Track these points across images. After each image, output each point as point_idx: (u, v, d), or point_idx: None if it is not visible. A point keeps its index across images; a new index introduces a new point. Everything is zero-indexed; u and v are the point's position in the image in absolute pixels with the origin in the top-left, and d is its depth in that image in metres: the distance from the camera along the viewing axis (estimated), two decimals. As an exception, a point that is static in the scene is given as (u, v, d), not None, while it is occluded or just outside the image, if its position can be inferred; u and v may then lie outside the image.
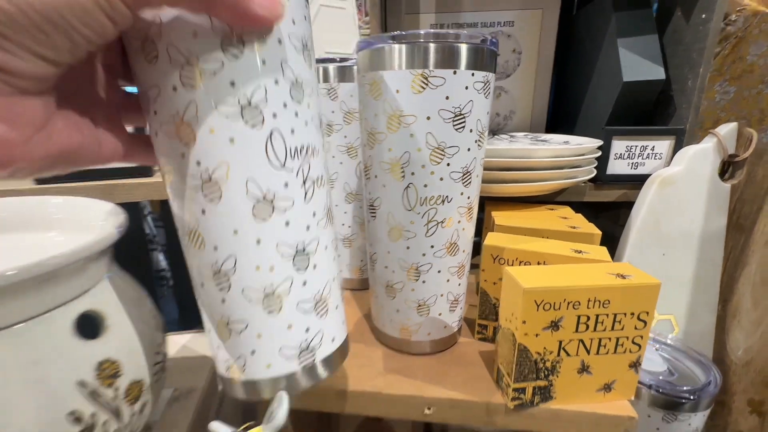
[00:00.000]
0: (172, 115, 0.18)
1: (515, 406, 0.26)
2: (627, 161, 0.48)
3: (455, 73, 0.24)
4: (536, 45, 0.59)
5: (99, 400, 0.21)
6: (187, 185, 0.19)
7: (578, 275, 0.25)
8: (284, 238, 0.20)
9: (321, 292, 0.22)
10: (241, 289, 0.20)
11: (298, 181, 0.20)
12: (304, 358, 0.21)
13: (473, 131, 0.26)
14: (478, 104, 0.26)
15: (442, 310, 0.31)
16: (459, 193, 0.27)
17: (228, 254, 0.19)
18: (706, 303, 0.48)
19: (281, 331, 0.21)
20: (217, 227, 0.19)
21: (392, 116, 0.26)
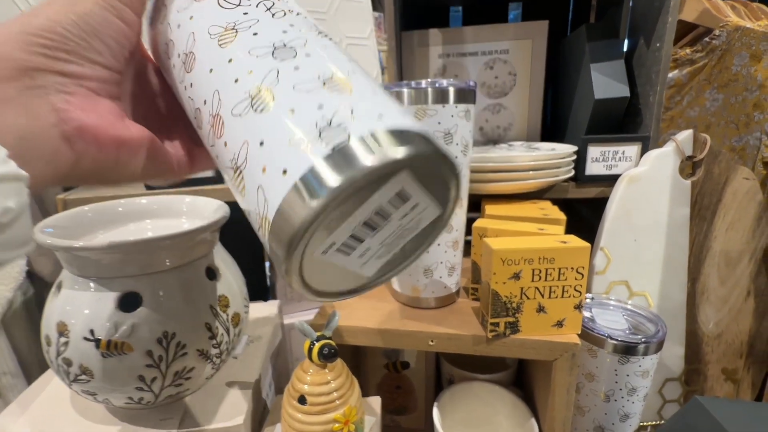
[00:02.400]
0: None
1: (492, 337, 0.37)
2: (602, 163, 0.58)
3: (444, 107, 0.36)
4: (528, 68, 0.70)
5: (219, 319, 0.34)
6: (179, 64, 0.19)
7: (534, 242, 0.36)
8: (255, 44, 0.17)
9: (328, 73, 0.16)
10: (230, 111, 0.17)
11: (260, 9, 0.18)
12: (330, 138, 0.14)
13: (459, 144, 0.38)
14: (462, 126, 0.37)
15: (442, 274, 0.42)
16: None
17: (213, 91, 0.17)
18: (677, 281, 0.57)
19: (281, 120, 0.15)
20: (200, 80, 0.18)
21: None
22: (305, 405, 0.31)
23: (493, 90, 0.72)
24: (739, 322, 0.59)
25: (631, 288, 0.57)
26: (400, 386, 0.55)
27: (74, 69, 0.17)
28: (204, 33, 0.18)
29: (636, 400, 0.45)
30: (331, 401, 0.31)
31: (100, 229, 0.37)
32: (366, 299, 0.46)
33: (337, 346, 0.31)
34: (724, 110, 0.79)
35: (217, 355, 0.34)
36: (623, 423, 0.46)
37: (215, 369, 0.35)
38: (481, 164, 0.50)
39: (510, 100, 0.72)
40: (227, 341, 0.35)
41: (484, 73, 0.72)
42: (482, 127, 0.74)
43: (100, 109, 0.19)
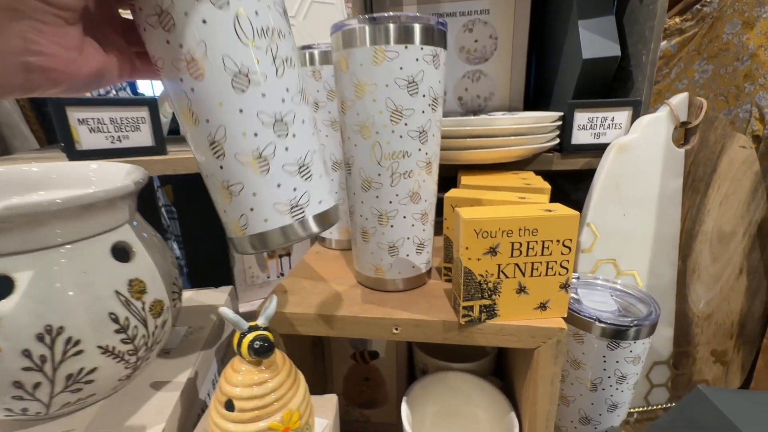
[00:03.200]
0: (153, 8, 0.21)
1: (465, 322, 0.32)
2: (589, 131, 0.52)
3: (407, 48, 0.30)
4: (511, 30, 0.64)
5: (131, 308, 0.28)
6: (176, 68, 0.22)
7: (513, 210, 0.30)
8: (262, 108, 0.23)
9: (302, 158, 0.25)
10: (233, 154, 0.24)
11: (268, 58, 0.23)
12: (295, 213, 0.25)
13: (426, 96, 0.32)
14: (429, 73, 0.31)
15: (409, 251, 0.36)
16: (417, 149, 0.33)
17: (218, 125, 0.23)
18: (667, 259, 0.53)
19: (272, 188, 0.24)
20: (205, 101, 0.23)
21: (358, 86, 0.31)
22: (233, 411, 0.25)
23: (472, 55, 0.66)
24: (731, 302, 0.55)
25: (619, 267, 0.52)
26: (368, 378, 0.49)
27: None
28: (218, 58, 0.22)
29: (625, 389, 0.41)
30: (266, 405, 0.25)
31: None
32: (324, 282, 0.40)
33: (272, 339, 0.26)
34: (713, 82, 0.75)
35: (131, 351, 0.28)
36: (611, 413, 0.42)
37: (131, 368, 0.29)
38: (457, 128, 0.44)
39: (491, 67, 0.66)
40: (145, 335, 0.29)
41: (462, 37, 0.65)
42: (461, 96, 0.68)
43: (66, 41, 0.18)
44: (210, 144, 0.24)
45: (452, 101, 0.69)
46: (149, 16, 0.22)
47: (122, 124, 0.46)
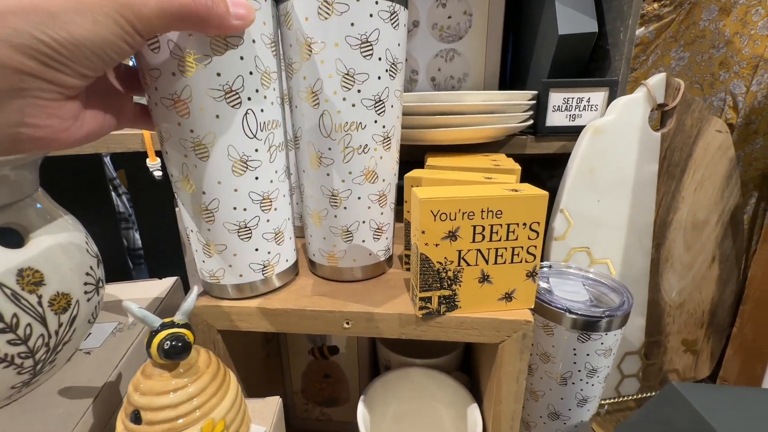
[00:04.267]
0: (170, 93, 0.24)
1: (423, 315, 0.29)
2: (565, 113, 0.50)
3: (359, 1, 0.26)
4: (486, 5, 0.60)
5: (20, 303, 0.23)
6: (182, 146, 0.25)
7: (476, 190, 0.27)
8: (254, 188, 0.28)
9: (280, 227, 0.31)
10: (222, 222, 0.28)
11: (265, 147, 0.28)
12: (266, 271, 0.31)
13: (383, 60, 0.28)
14: (386, 34, 0.27)
15: (365, 237, 0.33)
16: (373, 120, 0.29)
17: (213, 197, 0.27)
18: (640, 247, 0.51)
19: (250, 252, 0.29)
20: (205, 178, 0.26)
21: (303, 44, 0.27)
22: (140, 424, 0.21)
23: (446, 33, 0.62)
24: (702, 290, 0.54)
25: (592, 255, 0.50)
26: (329, 375, 0.46)
27: (63, 79, 0.17)
28: (224, 147, 0.26)
29: (596, 382, 0.39)
30: (181, 415, 0.21)
31: None
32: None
33: (189, 337, 0.22)
34: (689, 70, 0.74)
35: (25, 354, 0.24)
36: (581, 408, 0.40)
37: (29, 374, 0.25)
38: (423, 104, 0.41)
39: (465, 45, 0.62)
40: (44, 334, 0.25)
41: (435, 12, 0.61)
42: (434, 77, 0.65)
43: (63, 113, 0.19)
44: (202, 210, 0.27)
45: (425, 82, 0.65)
46: (164, 98, 0.24)
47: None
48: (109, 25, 0.17)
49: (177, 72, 0.23)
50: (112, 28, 0.17)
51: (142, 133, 0.43)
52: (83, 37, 0.17)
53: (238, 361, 0.35)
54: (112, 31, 0.17)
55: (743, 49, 0.68)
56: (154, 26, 0.19)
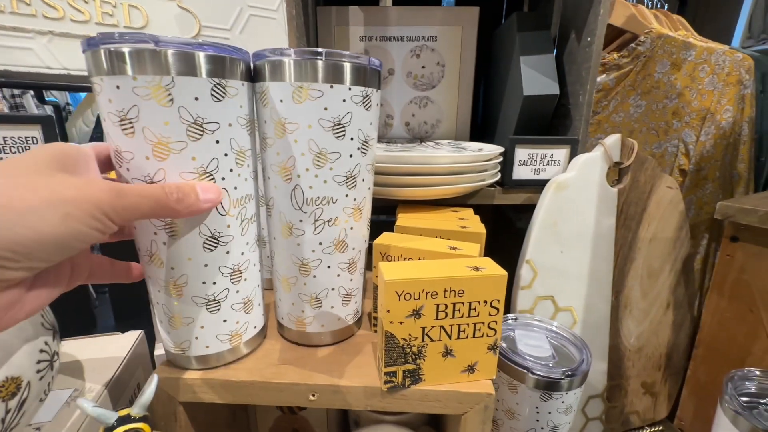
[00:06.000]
0: (143, 176, 0.24)
1: (388, 389, 0.29)
2: (530, 167, 0.52)
3: (332, 87, 0.27)
4: (458, 59, 0.63)
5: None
6: (152, 223, 0.25)
7: (439, 269, 0.28)
8: (225, 262, 0.28)
9: (249, 296, 0.31)
10: (191, 296, 0.28)
11: (237, 221, 0.28)
12: (233, 341, 0.31)
13: (354, 139, 0.29)
14: (358, 115, 0.28)
15: (334, 303, 0.33)
16: (344, 195, 0.30)
17: (182, 273, 0.27)
18: (601, 295, 0.54)
19: (218, 324, 0.29)
20: (175, 254, 0.26)
21: (278, 123, 0.28)
22: None
23: (420, 81, 0.65)
24: (659, 335, 0.57)
25: (557, 303, 0.52)
26: (297, 430, 0.45)
27: (8, 275, 0.16)
28: (195, 225, 0.26)
29: (558, 438, 0.40)
30: None
31: None
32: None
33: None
34: (646, 117, 0.79)
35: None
36: (545, 462, 0.41)
37: (-30, 466, 0.23)
38: (396, 166, 0.42)
39: (438, 94, 0.65)
40: (-10, 423, 0.23)
41: (410, 62, 0.64)
42: (408, 122, 0.67)
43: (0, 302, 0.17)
44: (170, 285, 0.27)
45: (399, 126, 0.67)
46: (136, 179, 0.24)
47: (6, 145, 0.40)
48: (82, 218, 0.17)
49: (151, 156, 0.23)
50: (86, 220, 0.17)
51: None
52: (50, 232, 0.16)
53: (201, 427, 0.34)
54: (86, 222, 0.17)
55: (692, 101, 0.74)
56: (128, 218, 0.19)
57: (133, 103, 0.22)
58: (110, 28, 0.49)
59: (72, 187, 0.17)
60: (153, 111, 0.22)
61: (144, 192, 0.20)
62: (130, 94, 0.22)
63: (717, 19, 1.08)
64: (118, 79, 0.22)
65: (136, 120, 0.22)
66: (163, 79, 0.22)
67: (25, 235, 0.15)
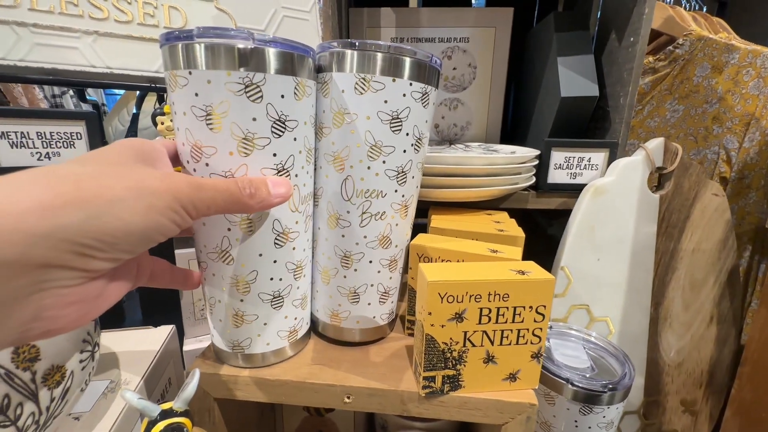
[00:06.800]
0: (224, 171, 0.24)
1: (426, 394, 0.28)
2: (566, 171, 0.51)
3: (394, 81, 0.27)
4: (490, 60, 0.62)
5: (13, 383, 0.22)
6: (227, 220, 0.26)
7: (483, 271, 0.27)
8: (290, 259, 0.28)
9: (306, 293, 0.32)
10: (258, 293, 0.28)
11: (303, 218, 0.29)
12: (291, 337, 0.31)
13: (410, 135, 0.29)
14: (416, 112, 0.28)
15: (371, 300, 0.32)
16: (393, 190, 0.30)
17: (252, 269, 0.27)
18: (639, 306, 0.51)
19: (280, 320, 0.30)
20: (246, 251, 0.26)
21: (337, 113, 0.28)
22: None
23: (450, 83, 0.64)
24: (701, 350, 0.54)
25: (592, 313, 0.50)
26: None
27: (94, 264, 0.16)
28: (270, 222, 0.27)
29: (597, 455, 0.38)
30: None
31: None
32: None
33: (188, 427, 0.21)
34: (683, 122, 0.76)
35: (14, 434, 0.23)
36: (581, 480, 0.39)
37: (15, 453, 0.24)
38: (430, 166, 0.41)
39: (469, 96, 0.64)
40: (35, 411, 0.24)
41: (441, 63, 0.63)
42: (438, 124, 0.66)
43: (85, 295, 0.16)
44: (240, 282, 0.27)
45: (428, 128, 0.66)
46: (215, 174, 0.25)
47: (52, 140, 0.41)
48: (164, 210, 0.17)
49: (235, 152, 0.24)
50: (167, 212, 0.17)
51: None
52: (136, 222, 0.16)
53: (232, 425, 0.34)
54: (166, 215, 0.17)
55: (735, 106, 0.71)
56: (204, 212, 0.19)
57: (224, 99, 0.22)
58: (151, 29, 0.50)
59: (155, 178, 0.17)
60: (243, 107, 0.23)
61: (219, 186, 0.20)
62: (222, 89, 0.22)
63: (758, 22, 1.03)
64: (210, 73, 0.22)
65: (225, 115, 0.23)
66: (256, 75, 0.22)
67: (113, 225, 0.15)
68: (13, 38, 0.43)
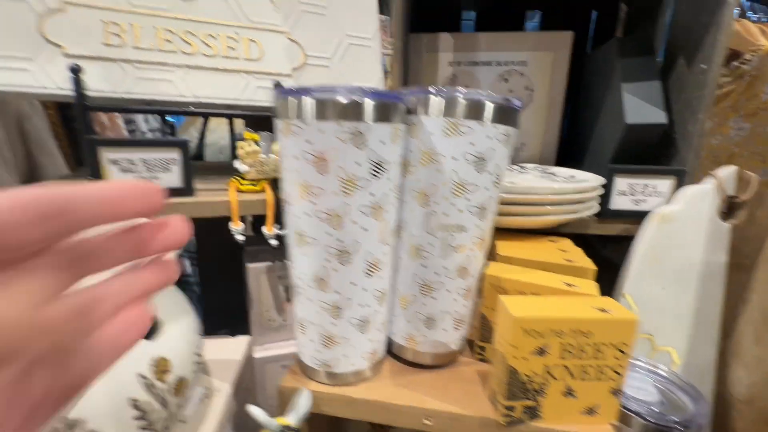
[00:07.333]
0: (328, 209, 0.27)
1: (506, 423, 0.29)
2: (629, 197, 0.50)
3: (481, 124, 0.29)
4: (547, 84, 0.63)
5: (153, 391, 0.26)
6: (327, 252, 0.28)
7: (564, 307, 0.28)
8: (377, 287, 0.31)
9: (386, 317, 0.34)
10: (348, 318, 0.31)
11: (390, 250, 0.31)
12: (372, 359, 0.34)
13: (492, 173, 0.30)
14: (499, 152, 0.30)
15: (447, 326, 0.34)
16: (474, 225, 0.31)
17: (346, 297, 0.30)
18: (707, 338, 0.50)
19: (365, 343, 0.32)
20: (342, 279, 0.29)
21: (424, 153, 0.30)
22: None
23: (506, 105, 0.65)
24: (774, 387, 0.51)
25: (655, 343, 0.49)
26: (385, 446, 0.47)
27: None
28: (365, 254, 0.30)
29: (667, 492, 0.37)
30: None
31: None
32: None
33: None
34: (749, 140, 0.73)
35: (148, 436, 0.26)
36: None
37: (147, 453, 0.27)
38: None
39: (525, 118, 0.65)
40: (165, 416, 0.27)
41: (497, 86, 0.64)
42: (492, 144, 0.67)
43: None
44: (332, 308, 0.30)
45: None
46: (320, 212, 0.28)
47: (153, 165, 0.46)
48: None
49: (339, 192, 0.27)
50: None
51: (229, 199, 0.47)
52: None
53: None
54: None
55: (809, 126, 0.67)
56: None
57: (333, 146, 0.25)
58: (232, 61, 0.54)
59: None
60: (349, 153, 0.26)
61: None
62: (332, 138, 0.25)
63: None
64: (323, 124, 0.25)
65: (334, 160, 0.26)
66: (361, 125, 0.25)
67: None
68: (120, 74, 0.49)
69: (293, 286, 0.31)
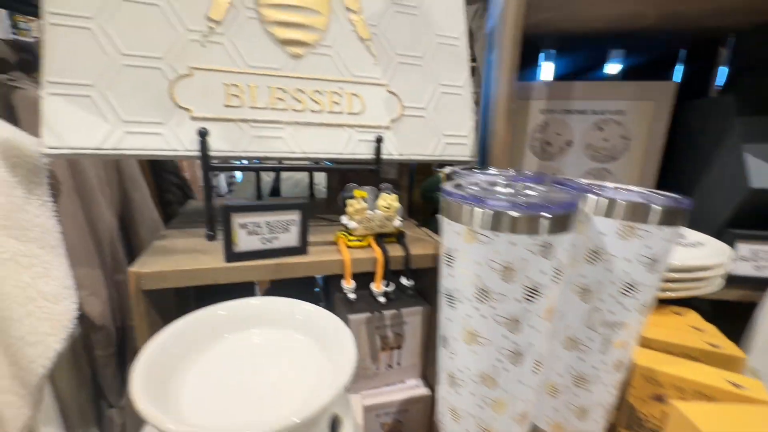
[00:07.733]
0: (507, 314, 0.27)
1: None
2: (751, 263, 0.48)
3: (659, 228, 0.29)
4: (645, 133, 0.61)
5: None
6: (499, 353, 0.29)
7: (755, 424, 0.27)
8: (538, 381, 0.30)
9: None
10: (511, 414, 0.30)
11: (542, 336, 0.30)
12: None
13: (660, 272, 0.30)
14: (668, 251, 0.30)
15: (597, 417, 0.34)
16: (637, 321, 0.31)
17: (512, 395, 0.30)
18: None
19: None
20: (511, 378, 0.29)
21: (592, 251, 0.30)
22: None
23: (599, 153, 0.64)
24: None
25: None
26: None
27: None
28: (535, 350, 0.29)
29: None
30: None
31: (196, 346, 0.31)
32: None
33: None
34: None
35: None
36: None
37: None
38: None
39: (619, 166, 0.64)
40: None
41: (591, 134, 0.63)
42: (582, 192, 0.66)
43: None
44: (494, 403, 0.30)
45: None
46: (499, 316, 0.28)
47: (275, 227, 0.47)
48: None
49: (522, 299, 0.27)
50: None
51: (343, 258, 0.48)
52: None
53: None
54: None
55: None
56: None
57: (523, 257, 0.26)
58: (337, 116, 0.56)
59: None
60: (537, 264, 0.26)
61: None
62: (523, 250, 0.25)
63: None
64: (515, 237, 0.25)
65: (521, 270, 0.26)
66: (550, 237, 0.25)
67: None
68: (238, 133, 0.51)
69: (453, 377, 0.32)
